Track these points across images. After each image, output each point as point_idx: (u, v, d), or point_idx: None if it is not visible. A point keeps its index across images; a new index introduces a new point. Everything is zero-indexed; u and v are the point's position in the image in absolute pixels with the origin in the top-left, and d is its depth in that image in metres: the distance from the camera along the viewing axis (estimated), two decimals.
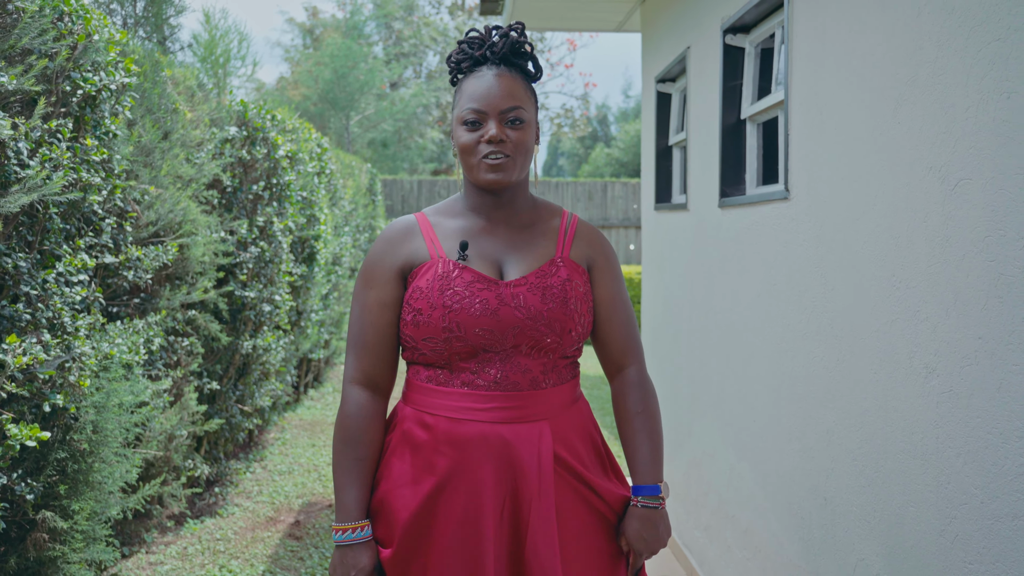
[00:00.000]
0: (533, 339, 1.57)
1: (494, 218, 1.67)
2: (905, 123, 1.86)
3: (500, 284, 1.58)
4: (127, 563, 3.58)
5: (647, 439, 1.67)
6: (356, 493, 1.60)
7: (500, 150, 1.57)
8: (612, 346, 1.71)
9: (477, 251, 1.62)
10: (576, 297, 1.61)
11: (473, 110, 1.58)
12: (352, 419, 1.62)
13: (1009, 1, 1.50)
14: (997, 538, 1.54)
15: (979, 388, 1.59)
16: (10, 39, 2.28)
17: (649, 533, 1.63)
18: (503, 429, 1.55)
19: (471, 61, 1.65)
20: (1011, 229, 1.50)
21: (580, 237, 1.70)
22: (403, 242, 1.64)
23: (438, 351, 1.56)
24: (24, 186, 2.27)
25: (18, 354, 2.32)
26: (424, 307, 1.56)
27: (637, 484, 1.66)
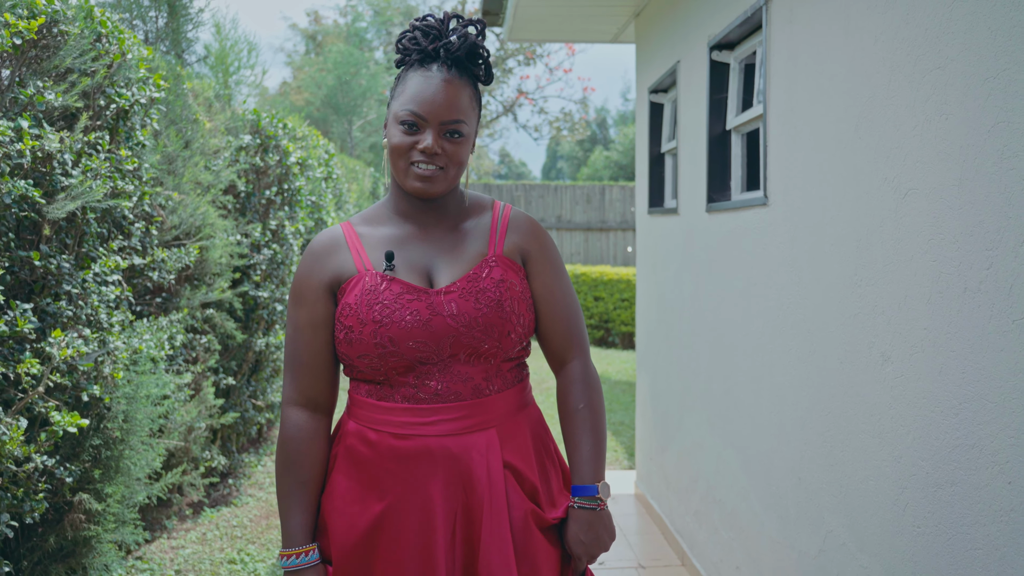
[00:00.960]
0: (470, 347, 1.51)
1: (423, 223, 1.59)
2: (864, 139, 2.08)
3: (430, 293, 1.51)
4: (150, 547, 3.80)
5: (587, 436, 1.60)
6: (300, 518, 1.55)
7: (434, 162, 1.51)
8: (553, 340, 1.64)
9: (405, 260, 1.55)
10: (512, 297, 1.54)
11: (413, 113, 1.50)
12: (292, 442, 1.56)
13: (947, 34, 1.72)
14: (939, 503, 1.76)
15: (925, 372, 1.81)
16: (55, 59, 2.50)
17: (587, 535, 1.56)
18: (449, 442, 1.50)
19: (422, 54, 1.55)
20: (948, 233, 1.72)
21: (513, 229, 1.62)
22: (329, 256, 1.56)
23: (374, 367, 1.51)
24: (69, 194, 2.49)
25: (63, 347, 2.54)
26: (354, 324, 1.50)
27: (575, 484, 1.59)
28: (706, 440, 3.46)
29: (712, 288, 3.35)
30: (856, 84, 2.12)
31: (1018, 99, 1.51)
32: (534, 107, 19.14)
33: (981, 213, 1.61)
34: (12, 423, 2.35)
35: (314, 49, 17.55)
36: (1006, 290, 1.54)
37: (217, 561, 3.68)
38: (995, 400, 1.57)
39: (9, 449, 2.36)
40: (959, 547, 1.69)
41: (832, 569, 2.28)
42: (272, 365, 5.05)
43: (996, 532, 1.57)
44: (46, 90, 2.46)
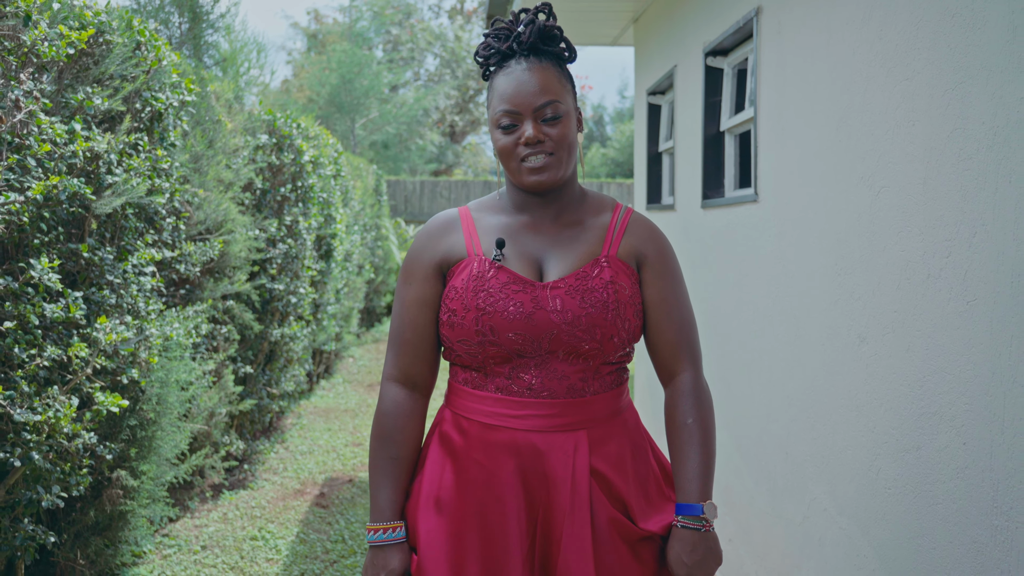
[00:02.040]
0: (570, 345, 1.48)
1: (538, 215, 1.57)
2: (844, 141, 2.30)
3: (536, 286, 1.49)
4: (175, 526, 4.01)
5: (695, 453, 1.52)
6: (390, 493, 1.54)
7: (540, 150, 1.49)
8: (663, 351, 1.58)
9: (517, 249, 1.54)
10: (620, 300, 1.50)
11: (506, 112, 1.50)
12: (388, 417, 1.57)
13: (914, 50, 1.94)
14: (906, 466, 1.98)
15: (894, 350, 2.04)
16: (102, 66, 2.71)
17: (690, 557, 1.47)
18: (536, 438, 1.48)
19: (499, 56, 1.55)
20: (914, 226, 1.94)
21: (631, 233, 1.58)
22: (442, 237, 1.57)
23: (472, 354, 1.50)
24: (114, 191, 2.70)
25: (108, 333, 2.75)
26: (458, 308, 1.49)
27: (680, 502, 1.51)
28: None
29: (706, 279, 3.57)
30: (837, 91, 2.34)
31: (972, 108, 1.72)
32: None
33: (941, 208, 1.83)
34: (65, 401, 2.56)
35: (316, 47, 17.76)
36: (961, 276, 1.76)
37: (240, 538, 3.90)
38: (953, 372, 1.79)
39: (61, 426, 2.58)
40: (923, 504, 1.91)
41: (815, 533, 2.50)
42: (286, 355, 5.27)
43: (953, 488, 1.80)
44: (94, 95, 2.67)
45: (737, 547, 3.21)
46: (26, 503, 2.64)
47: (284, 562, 3.67)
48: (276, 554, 3.75)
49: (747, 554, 3.10)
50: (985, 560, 1.69)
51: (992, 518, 1.67)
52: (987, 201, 1.68)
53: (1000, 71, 1.64)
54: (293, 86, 15.85)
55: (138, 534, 3.43)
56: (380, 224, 10.62)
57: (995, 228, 1.65)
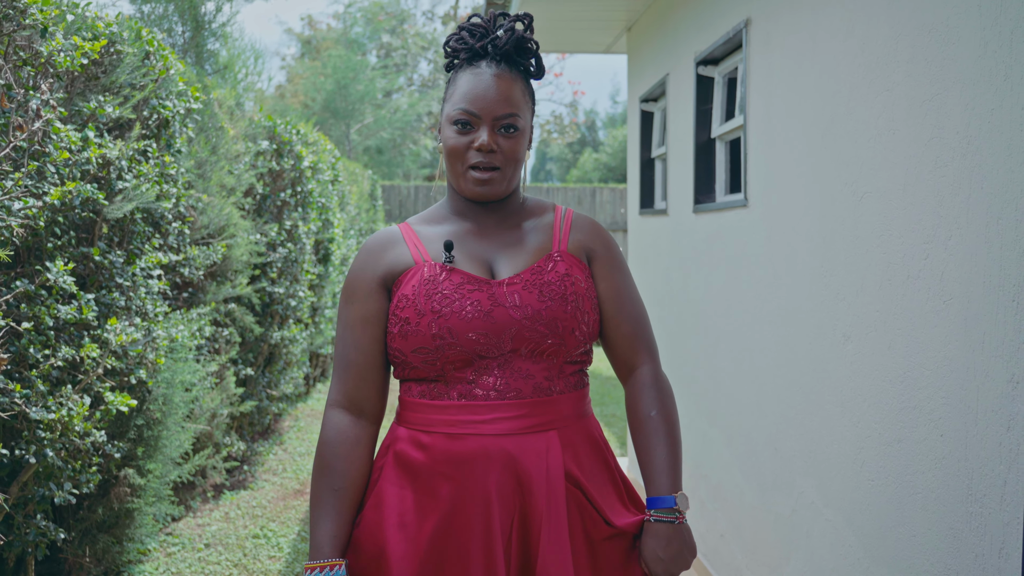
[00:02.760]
0: (533, 341, 1.45)
1: (481, 222, 1.56)
2: (829, 148, 2.40)
3: (492, 283, 1.46)
4: (178, 525, 4.09)
5: (662, 444, 1.50)
6: (331, 529, 1.44)
7: (490, 161, 1.47)
8: (620, 345, 1.56)
9: (466, 253, 1.51)
10: (577, 293, 1.48)
11: (466, 111, 1.47)
12: (331, 446, 1.48)
13: (894, 62, 2.05)
14: (888, 458, 2.08)
15: (877, 348, 2.14)
16: (113, 75, 2.80)
17: (666, 552, 1.45)
18: (507, 442, 1.43)
19: (470, 53, 1.52)
20: (895, 230, 2.04)
21: (577, 229, 1.58)
22: (384, 252, 1.52)
23: (430, 362, 1.44)
24: (125, 196, 2.78)
25: (118, 334, 2.83)
26: (411, 315, 1.44)
27: (650, 496, 1.49)
28: (693, 422, 3.78)
29: (698, 282, 3.67)
30: (822, 100, 2.45)
31: (948, 118, 1.83)
32: None
33: (920, 212, 1.94)
34: (78, 400, 2.64)
35: (310, 53, 17.87)
36: (939, 277, 1.86)
37: (242, 536, 3.98)
38: (931, 368, 1.89)
39: (74, 424, 2.66)
40: (904, 494, 2.01)
41: (803, 526, 2.60)
42: (285, 358, 5.35)
43: (932, 478, 1.89)
44: (106, 103, 2.75)
45: (729, 542, 3.30)
46: (39, 499, 2.72)
47: (286, 559, 3.75)
48: (278, 552, 3.83)
49: (738, 549, 3.19)
50: (960, 545, 1.79)
51: (967, 505, 1.77)
52: (961, 206, 1.78)
53: (973, 83, 1.74)
54: (288, 91, 15.94)
55: (144, 532, 3.51)
56: (375, 228, 10.71)
57: (969, 232, 1.76)
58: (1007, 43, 1.63)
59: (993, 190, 1.68)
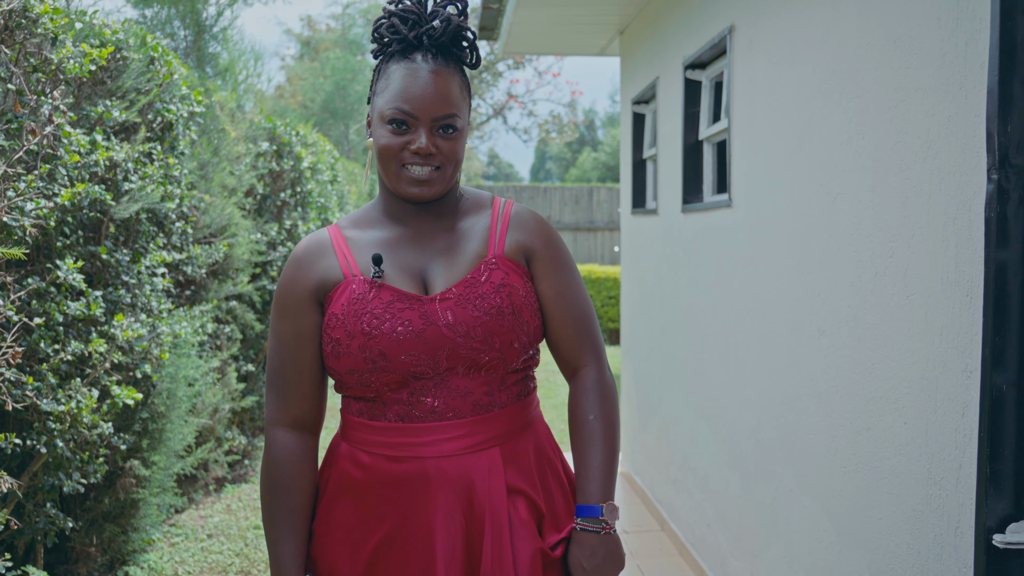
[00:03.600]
0: (468, 358, 1.39)
1: (416, 225, 1.47)
2: (806, 152, 2.51)
3: (424, 300, 1.39)
4: (181, 516, 4.20)
5: (597, 451, 1.46)
6: (292, 548, 1.44)
7: (428, 164, 1.40)
8: (563, 346, 1.51)
9: (397, 264, 1.43)
10: (515, 303, 1.41)
11: (401, 111, 1.38)
12: (279, 467, 1.44)
13: (864, 70, 2.15)
14: (858, 446, 2.19)
15: (848, 341, 2.25)
16: (119, 81, 2.91)
17: (589, 562, 1.41)
18: (446, 463, 1.39)
19: (403, 43, 1.42)
20: (864, 229, 2.15)
21: (515, 227, 1.49)
22: (314, 262, 1.45)
23: (364, 383, 1.39)
24: (131, 197, 2.89)
25: (125, 329, 2.94)
26: (342, 336, 1.38)
27: (579, 503, 1.45)
28: (682, 415, 3.89)
29: (686, 280, 3.78)
30: (800, 105, 2.56)
31: (910, 124, 1.94)
32: (523, 110, 19.58)
33: (886, 213, 2.05)
34: (87, 393, 2.75)
35: (309, 54, 17.99)
36: (903, 274, 1.97)
37: (243, 527, 4.09)
38: (895, 359, 2.00)
39: (82, 416, 2.77)
40: (872, 479, 2.12)
41: (782, 513, 2.71)
42: None
43: (896, 463, 2.01)
44: (113, 108, 2.86)
45: (715, 531, 3.41)
46: (48, 488, 2.83)
47: None
48: None
49: (724, 537, 3.30)
50: (921, 526, 1.90)
51: (927, 488, 1.88)
52: (923, 207, 1.89)
53: (933, 91, 1.85)
54: (287, 92, 16.06)
55: (148, 522, 3.61)
56: None
57: (929, 231, 1.87)
58: (962, 54, 1.74)
59: (950, 192, 1.79)
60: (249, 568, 3.63)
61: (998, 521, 1.66)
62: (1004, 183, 1.63)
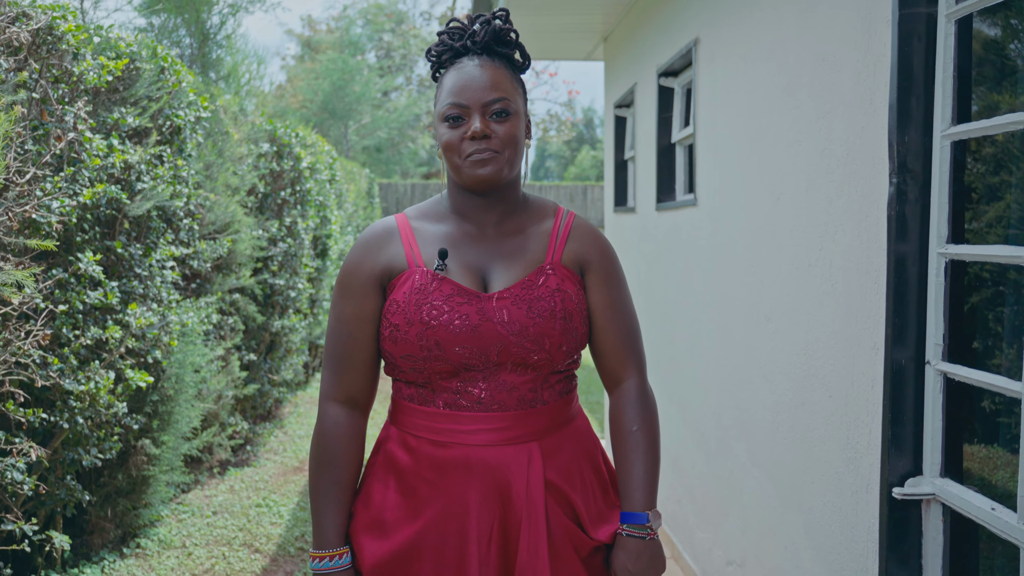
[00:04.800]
0: (519, 356, 1.45)
1: (480, 222, 1.54)
2: (755, 156, 2.78)
3: (482, 297, 1.46)
4: (187, 496, 4.47)
5: (640, 461, 1.52)
6: (335, 518, 1.49)
7: (487, 146, 1.45)
8: (607, 357, 1.57)
9: (459, 260, 1.50)
10: (568, 308, 1.48)
11: (454, 104, 1.46)
12: (330, 439, 1.51)
13: (801, 85, 2.42)
14: (796, 419, 2.46)
15: (788, 326, 2.51)
16: (133, 89, 3.17)
17: (635, 566, 1.48)
18: (488, 453, 1.45)
19: (452, 53, 1.52)
20: (801, 225, 2.42)
21: (574, 238, 1.56)
22: (381, 248, 1.52)
23: (417, 369, 1.46)
24: (144, 196, 3.16)
25: (138, 317, 3.21)
26: (401, 323, 1.44)
27: (624, 511, 1.52)
28: (657, 400, 4.15)
29: (660, 274, 4.05)
30: (751, 113, 2.82)
31: (834, 133, 2.20)
32: None
33: (816, 212, 2.31)
34: (104, 375, 3.02)
35: (309, 55, 18.26)
36: (829, 265, 2.24)
37: (246, 506, 4.36)
38: (823, 341, 2.27)
39: (100, 396, 3.03)
40: (807, 447, 2.39)
41: (737, 485, 2.98)
42: (285, 345, 5.73)
43: (824, 432, 2.27)
44: (127, 114, 3.13)
45: (684, 507, 3.68)
46: (69, 462, 3.10)
47: (286, 524, 4.13)
48: (279, 518, 4.21)
49: (691, 512, 3.57)
50: (842, 486, 2.16)
51: (846, 452, 2.14)
52: (844, 207, 2.16)
53: (851, 105, 2.11)
54: (287, 91, 16.32)
55: (158, 497, 3.88)
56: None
57: (848, 228, 2.13)
58: (872, 74, 2.01)
59: (863, 194, 2.05)
60: (251, 541, 3.90)
61: (899, 477, 1.93)
62: (902, 186, 1.90)
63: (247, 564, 3.66)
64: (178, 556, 3.70)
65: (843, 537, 2.17)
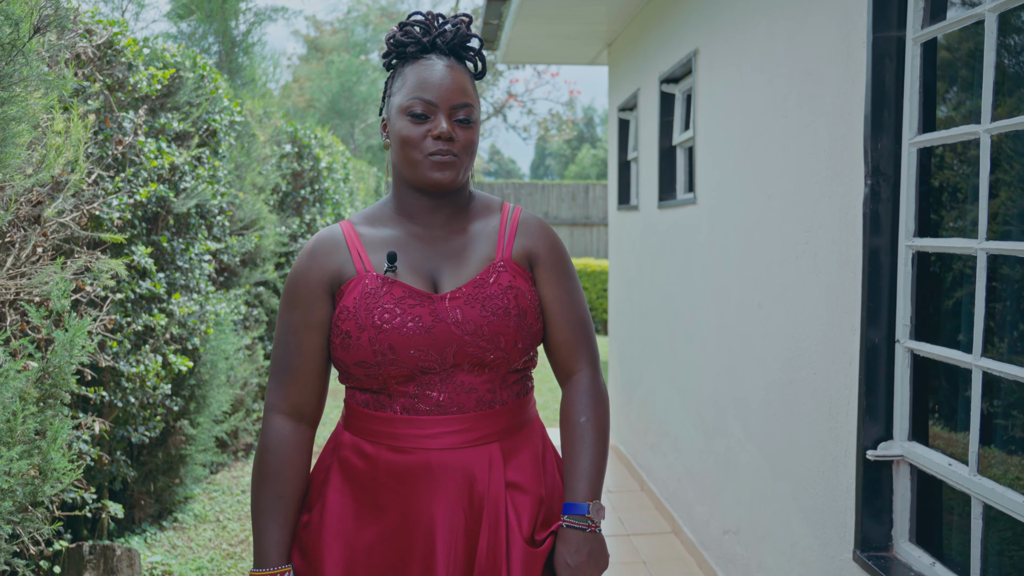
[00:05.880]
0: (475, 356, 1.43)
1: (428, 223, 1.51)
2: (750, 159, 3.05)
3: (434, 298, 1.44)
4: (216, 476, 4.74)
5: (586, 452, 1.50)
6: (276, 535, 1.45)
7: (448, 148, 1.43)
8: (559, 351, 1.56)
9: (408, 262, 1.47)
10: (520, 305, 1.47)
11: (423, 100, 1.43)
12: (273, 453, 1.47)
13: (790, 95, 2.69)
14: (784, 396, 2.74)
15: (779, 312, 2.79)
16: (177, 96, 3.45)
17: (574, 559, 1.44)
18: (449, 456, 1.43)
19: (417, 46, 1.49)
20: (789, 222, 2.70)
21: (522, 233, 1.55)
22: (328, 255, 1.48)
23: (372, 375, 1.42)
24: (188, 194, 3.44)
25: (182, 306, 3.49)
26: (352, 329, 1.41)
27: (566, 501, 1.49)
28: (658, 387, 4.43)
29: (662, 268, 4.33)
30: (745, 119, 3.10)
31: (818, 139, 2.48)
32: (523, 109, 20.10)
33: (803, 210, 2.59)
34: (154, 358, 3.30)
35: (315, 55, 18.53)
36: (814, 257, 2.52)
37: None
38: (809, 324, 2.55)
39: (149, 377, 3.31)
40: (793, 421, 2.67)
41: (732, 459, 3.26)
42: None
43: (810, 406, 2.55)
44: (172, 120, 3.40)
45: (684, 484, 3.96)
46: (119, 439, 3.38)
47: None
48: None
49: (691, 488, 3.85)
50: (825, 453, 2.44)
51: (828, 422, 2.42)
52: (827, 205, 2.43)
53: (832, 115, 2.39)
54: (293, 91, 16.60)
55: (192, 475, 4.16)
56: None
57: (831, 224, 2.41)
58: (851, 88, 2.28)
59: (843, 193, 2.33)
60: None
61: (872, 441, 2.21)
62: (876, 187, 2.18)
63: None
64: (213, 529, 3.97)
65: (826, 499, 2.45)
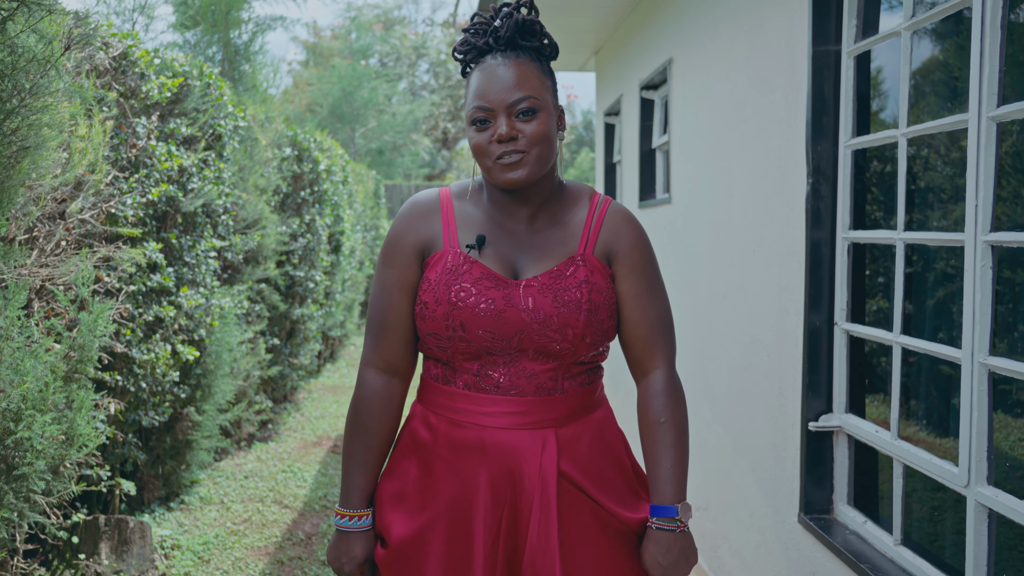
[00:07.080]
0: (540, 344, 1.45)
1: (513, 213, 1.53)
2: (716, 160, 3.30)
3: (509, 284, 1.47)
4: (220, 464, 4.99)
5: (668, 453, 1.50)
6: (360, 481, 1.54)
7: (514, 148, 1.44)
8: (635, 347, 1.55)
9: (492, 246, 1.50)
10: (595, 301, 1.47)
11: (479, 107, 1.45)
12: (365, 404, 1.55)
13: (747, 104, 2.94)
14: (744, 378, 2.98)
15: (740, 301, 3.03)
16: (185, 103, 3.70)
17: (665, 559, 1.47)
18: (503, 436, 1.46)
19: (476, 52, 1.51)
20: (749, 219, 2.94)
21: (607, 228, 1.55)
22: (423, 221, 1.54)
23: (442, 347, 1.48)
24: (196, 194, 3.68)
25: (189, 299, 3.73)
26: (430, 300, 1.47)
27: (653, 504, 1.49)
28: None
29: None
30: (712, 124, 3.34)
31: (771, 143, 2.72)
32: None
33: (760, 207, 2.83)
34: (164, 347, 3.54)
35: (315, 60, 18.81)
36: (768, 250, 2.76)
37: (273, 471, 4.88)
38: (764, 311, 2.79)
39: (159, 365, 3.55)
40: (750, 401, 2.91)
41: (703, 439, 3.50)
42: (303, 332, 6.26)
43: (765, 386, 2.79)
44: (181, 125, 3.65)
45: None
46: (131, 422, 3.62)
47: (311, 487, 4.65)
48: (303, 482, 4.73)
49: None
50: (776, 427, 2.69)
51: (779, 400, 2.66)
52: (777, 202, 2.68)
53: (782, 121, 2.63)
54: (293, 95, 16.87)
55: (198, 461, 4.40)
56: (379, 224, 11.62)
57: (781, 220, 2.65)
58: (796, 96, 2.53)
59: (790, 191, 2.58)
60: (280, 499, 4.43)
61: (815, 414, 2.46)
62: (816, 185, 2.42)
63: (279, 516, 4.18)
64: (218, 510, 4.22)
65: (777, 469, 2.69)
